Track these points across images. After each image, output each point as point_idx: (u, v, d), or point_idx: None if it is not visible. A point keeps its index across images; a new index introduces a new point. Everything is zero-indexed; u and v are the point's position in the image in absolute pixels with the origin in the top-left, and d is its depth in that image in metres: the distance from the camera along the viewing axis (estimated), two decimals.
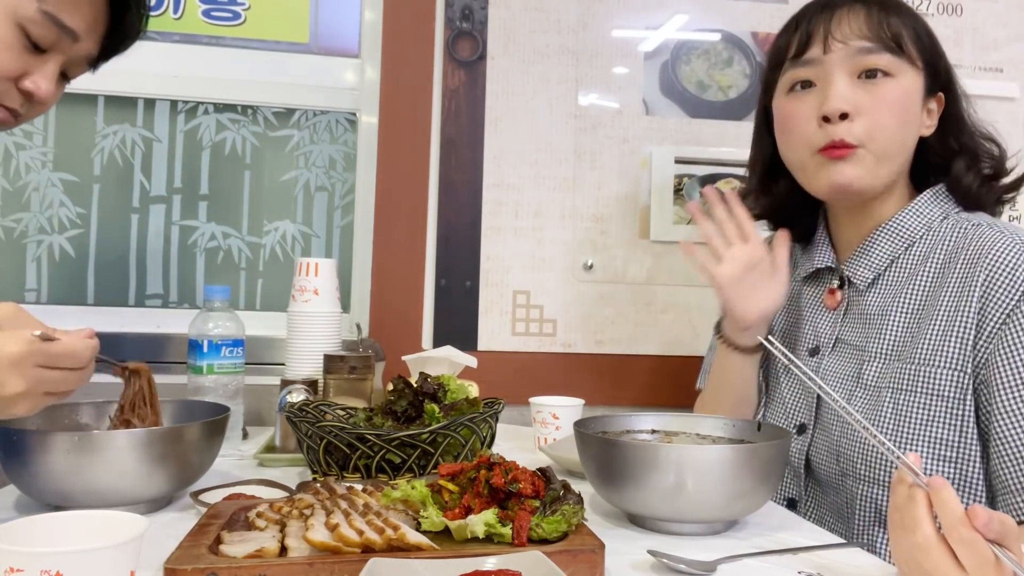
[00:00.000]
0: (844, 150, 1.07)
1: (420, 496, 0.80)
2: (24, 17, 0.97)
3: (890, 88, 1.06)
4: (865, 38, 1.07)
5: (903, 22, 1.09)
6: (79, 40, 1.03)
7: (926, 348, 1.03)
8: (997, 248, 1.01)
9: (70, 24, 1.01)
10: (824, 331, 1.17)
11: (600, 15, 1.74)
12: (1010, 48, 1.82)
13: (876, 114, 1.06)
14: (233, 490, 0.97)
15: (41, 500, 0.93)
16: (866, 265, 1.13)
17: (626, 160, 1.74)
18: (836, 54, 1.08)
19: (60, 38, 1.01)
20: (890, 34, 1.07)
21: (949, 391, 1.00)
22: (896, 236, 1.11)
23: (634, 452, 0.90)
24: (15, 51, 0.99)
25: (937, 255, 1.08)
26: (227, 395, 1.29)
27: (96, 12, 1.05)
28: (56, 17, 0.99)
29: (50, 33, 1.00)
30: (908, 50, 1.08)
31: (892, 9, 1.09)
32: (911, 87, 1.08)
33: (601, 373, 1.71)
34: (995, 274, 1.00)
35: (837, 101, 1.06)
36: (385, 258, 1.68)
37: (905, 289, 1.09)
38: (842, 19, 1.08)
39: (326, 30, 1.79)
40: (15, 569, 0.56)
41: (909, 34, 1.08)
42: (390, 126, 1.69)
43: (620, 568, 0.79)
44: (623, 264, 1.74)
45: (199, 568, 0.68)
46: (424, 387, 1.13)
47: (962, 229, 1.08)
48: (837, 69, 1.08)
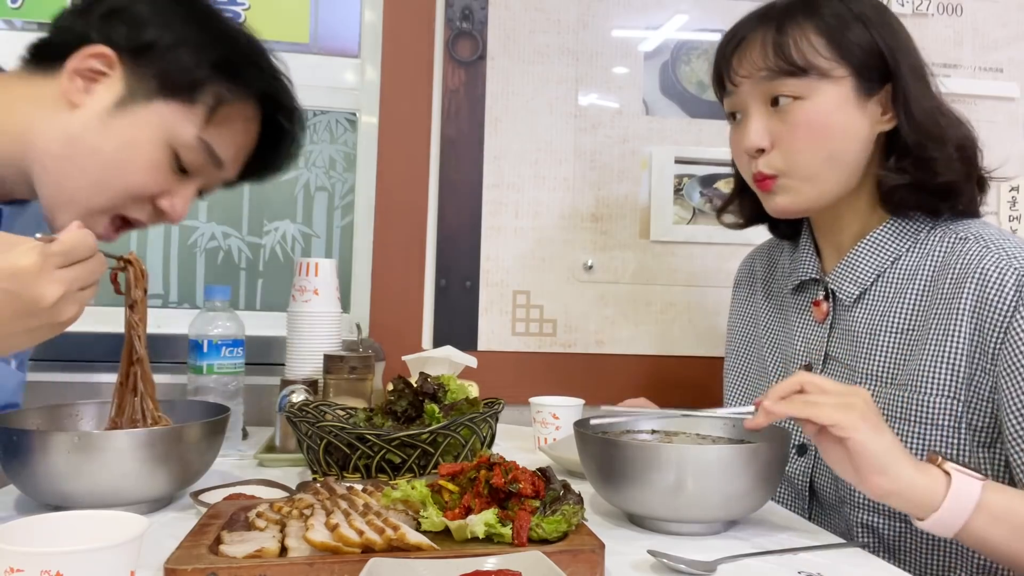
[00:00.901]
0: (767, 182, 1.07)
1: (420, 496, 0.80)
2: (180, 142, 1.00)
3: (803, 112, 1.03)
4: (764, 67, 1.04)
5: (812, 30, 1.03)
6: (223, 168, 1.06)
7: (917, 374, 1.00)
8: (984, 266, 0.97)
9: (220, 153, 1.04)
10: (814, 345, 1.14)
11: (600, 15, 1.74)
12: (1010, 48, 1.82)
13: (791, 141, 1.04)
14: (233, 490, 0.97)
15: (41, 500, 0.93)
16: (851, 280, 1.10)
17: (626, 160, 1.74)
18: (743, 87, 1.07)
19: (207, 164, 1.04)
20: (787, 58, 1.02)
21: (942, 419, 0.98)
22: (880, 249, 1.08)
23: (634, 452, 0.90)
24: (163, 172, 1.02)
25: (924, 271, 1.05)
26: (227, 395, 1.29)
27: (247, 144, 1.09)
28: (210, 146, 1.02)
29: (199, 159, 1.03)
30: (817, 65, 1.02)
31: (796, 21, 1.04)
32: (830, 101, 1.03)
33: (601, 373, 1.71)
34: (984, 294, 0.96)
35: (750, 138, 1.06)
36: (385, 258, 1.68)
37: (893, 307, 1.06)
38: (744, 50, 1.07)
39: (326, 30, 1.79)
40: (15, 569, 0.56)
41: (821, 42, 1.03)
42: (390, 126, 1.69)
43: (620, 568, 0.79)
44: (623, 264, 1.74)
45: (199, 568, 0.68)
46: (424, 387, 1.13)
47: (949, 243, 1.04)
48: (750, 102, 1.07)
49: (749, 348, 1.29)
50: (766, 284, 1.29)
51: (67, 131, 0.97)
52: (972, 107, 1.78)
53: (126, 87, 0.98)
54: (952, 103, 1.10)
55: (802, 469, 1.14)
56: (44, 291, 0.78)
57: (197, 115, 1.00)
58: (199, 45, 1.01)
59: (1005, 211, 1.80)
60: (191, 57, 1.00)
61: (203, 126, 1.01)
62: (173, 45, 0.99)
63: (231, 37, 1.06)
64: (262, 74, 1.07)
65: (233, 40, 1.05)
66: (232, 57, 1.03)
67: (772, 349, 1.24)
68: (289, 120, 1.10)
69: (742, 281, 1.36)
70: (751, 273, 1.34)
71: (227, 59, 1.02)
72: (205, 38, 1.02)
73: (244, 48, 1.06)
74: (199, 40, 1.01)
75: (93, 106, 0.98)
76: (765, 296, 1.29)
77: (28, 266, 0.77)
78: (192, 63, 1.00)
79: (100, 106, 0.98)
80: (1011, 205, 1.80)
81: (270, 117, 1.09)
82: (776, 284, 1.27)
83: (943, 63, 1.78)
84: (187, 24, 1.02)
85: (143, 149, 0.99)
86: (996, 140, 1.79)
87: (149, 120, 0.99)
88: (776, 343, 1.23)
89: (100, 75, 0.98)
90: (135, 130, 0.98)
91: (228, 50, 1.03)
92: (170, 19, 1.01)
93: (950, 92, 1.12)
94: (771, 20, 1.06)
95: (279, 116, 1.09)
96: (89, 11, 1.01)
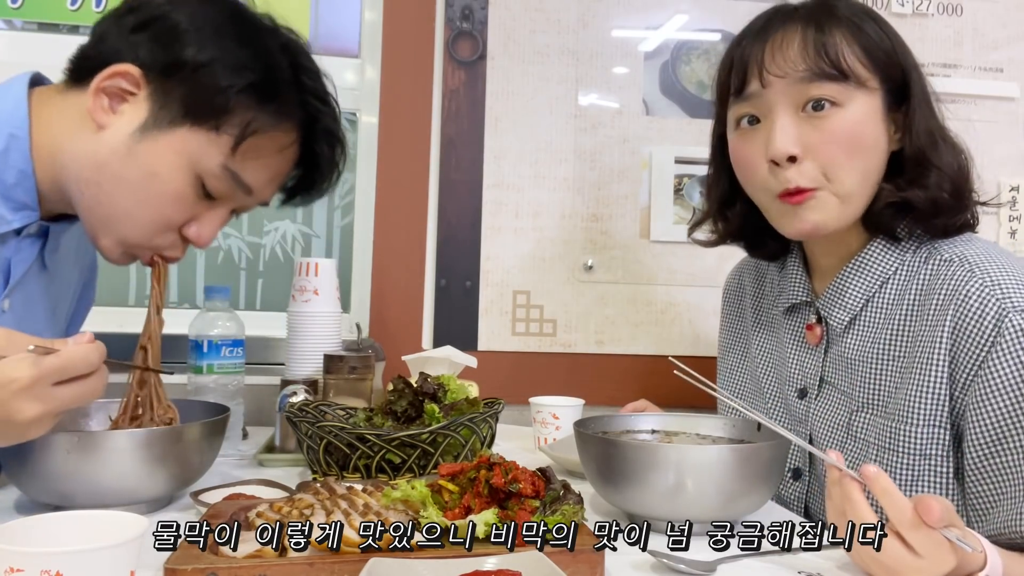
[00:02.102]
0: (801, 195, 0.99)
1: (420, 496, 0.80)
2: (204, 170, 0.95)
3: (840, 120, 0.97)
4: (804, 67, 0.96)
5: (849, 36, 0.98)
6: (253, 194, 1.00)
7: (904, 403, 0.97)
8: (965, 292, 0.93)
9: (248, 181, 0.98)
10: (809, 370, 1.12)
11: (600, 15, 1.74)
12: (1010, 48, 1.82)
13: (828, 152, 0.97)
14: (233, 490, 0.97)
15: (41, 500, 0.93)
16: (841, 306, 1.06)
17: (626, 160, 1.74)
18: (775, 87, 0.98)
19: (235, 191, 0.98)
20: (831, 59, 0.96)
21: (930, 448, 0.96)
22: (869, 273, 1.04)
23: (634, 452, 0.90)
24: (187, 202, 0.97)
25: (911, 295, 1.01)
26: (227, 395, 1.29)
27: (283, 168, 1.03)
28: (237, 175, 0.96)
29: (226, 187, 0.97)
30: (856, 73, 0.97)
31: (833, 24, 0.98)
32: (865, 113, 0.98)
33: (601, 373, 1.71)
34: (962, 322, 0.93)
35: (782, 144, 0.97)
36: (385, 258, 1.68)
37: (883, 333, 1.02)
38: (776, 47, 0.98)
39: (326, 30, 1.79)
40: (15, 569, 0.56)
41: (856, 51, 0.98)
42: (390, 126, 1.69)
43: (620, 568, 0.79)
44: (623, 264, 1.74)
45: (199, 568, 0.68)
46: (424, 387, 1.13)
47: (934, 265, 0.99)
48: (779, 104, 0.98)
49: (742, 366, 1.27)
50: (756, 300, 1.27)
51: (96, 156, 0.93)
52: (972, 107, 1.78)
53: (150, 110, 0.93)
54: (952, 103, 1.08)
55: (797, 494, 1.13)
56: (22, 408, 0.77)
57: (224, 143, 0.95)
58: (233, 66, 0.94)
59: (1005, 211, 1.80)
60: (222, 79, 0.93)
61: (229, 155, 0.95)
62: (203, 65, 0.93)
63: (272, 56, 0.98)
64: (303, 98, 1.00)
65: (273, 60, 0.98)
66: (269, 81, 0.96)
67: (767, 369, 1.21)
68: (330, 146, 1.04)
69: (731, 296, 1.33)
70: (740, 288, 1.31)
71: (263, 83, 0.95)
72: (241, 57, 0.95)
73: (285, 70, 0.99)
74: (234, 60, 0.94)
75: (119, 129, 0.93)
76: (755, 312, 1.26)
77: (17, 379, 0.76)
78: (222, 86, 0.93)
79: (125, 130, 0.93)
80: (1011, 205, 1.80)
81: (310, 141, 1.03)
82: (766, 301, 1.24)
83: (943, 63, 1.78)
84: (224, 40, 0.94)
85: (166, 179, 0.94)
86: (996, 140, 1.79)
87: (172, 147, 0.93)
88: (771, 364, 1.21)
89: (127, 94, 0.93)
90: (157, 158, 0.93)
91: (265, 72, 0.96)
92: (206, 34, 0.94)
93: (950, 92, 1.10)
94: (809, 18, 0.99)
95: (318, 143, 1.03)
96: (124, 20, 0.95)
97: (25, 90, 0.97)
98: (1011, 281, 0.93)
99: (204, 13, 0.96)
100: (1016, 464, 0.89)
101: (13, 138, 0.94)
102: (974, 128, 1.76)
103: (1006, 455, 0.90)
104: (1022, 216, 1.81)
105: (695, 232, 1.23)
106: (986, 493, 0.92)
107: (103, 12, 1.63)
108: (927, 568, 0.73)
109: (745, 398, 1.26)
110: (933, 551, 0.73)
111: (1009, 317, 0.90)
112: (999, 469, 0.91)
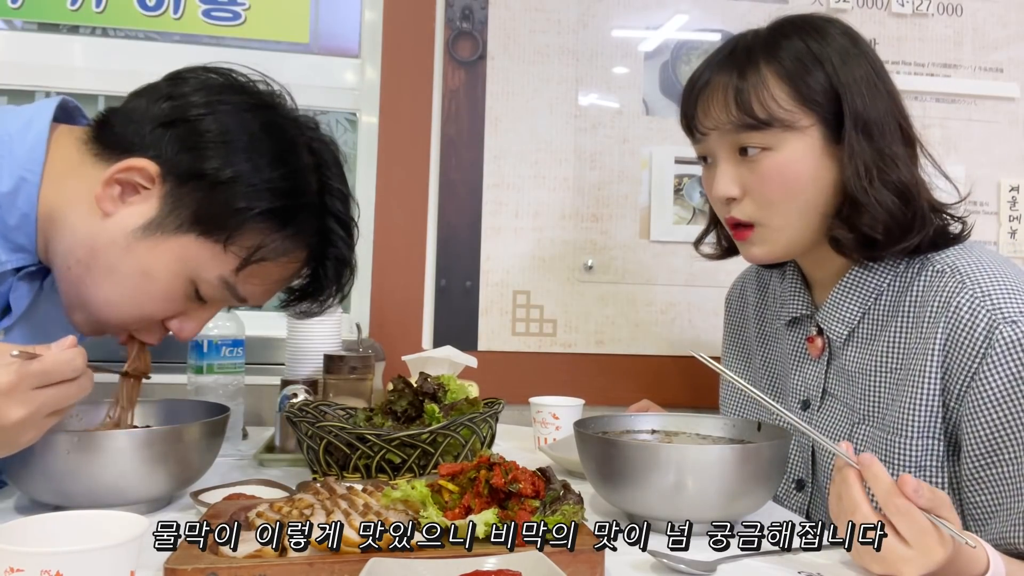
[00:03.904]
0: (743, 230, 1.05)
1: (420, 496, 0.80)
2: (201, 277, 0.93)
3: (771, 163, 1.00)
4: (727, 120, 1.01)
5: (775, 79, 0.99)
6: (247, 303, 0.99)
7: (899, 416, 0.98)
8: (956, 304, 0.94)
9: (244, 294, 0.97)
10: (812, 382, 1.12)
11: (600, 15, 1.74)
12: (1010, 48, 1.82)
13: (763, 192, 1.02)
14: (233, 490, 0.97)
15: (41, 500, 0.93)
16: (838, 320, 1.07)
17: (626, 160, 1.74)
18: (711, 138, 1.05)
19: (229, 299, 0.97)
20: (749, 111, 0.99)
21: (924, 460, 0.96)
22: (861, 286, 1.05)
23: (634, 452, 0.90)
24: (176, 302, 0.95)
25: (905, 307, 1.01)
26: (227, 395, 1.29)
27: (283, 279, 1.01)
28: (234, 288, 0.95)
29: (220, 295, 0.96)
30: (780, 118, 0.99)
31: (760, 67, 1.00)
32: (799, 152, 1.00)
33: (601, 373, 1.71)
34: (955, 334, 0.93)
35: (720, 187, 1.04)
36: (385, 258, 1.68)
37: (881, 345, 1.03)
38: (706, 100, 1.04)
39: (326, 30, 1.79)
40: (15, 569, 0.56)
41: (782, 94, 0.99)
42: (390, 126, 1.69)
43: (620, 568, 0.79)
44: (623, 264, 1.74)
45: (199, 568, 0.68)
46: (424, 387, 1.13)
47: (927, 277, 1.00)
48: (719, 150, 1.04)
49: (745, 376, 1.27)
50: (758, 311, 1.27)
51: (93, 240, 0.91)
52: (972, 107, 1.78)
53: (160, 210, 0.91)
54: (952, 103, 1.07)
55: (799, 505, 1.13)
56: (7, 411, 0.77)
57: (228, 261, 0.93)
58: (256, 186, 0.91)
59: (1005, 211, 1.80)
60: (240, 200, 0.91)
61: (232, 272, 0.94)
62: (223, 182, 0.90)
63: (302, 177, 0.95)
64: (322, 223, 0.98)
65: (302, 182, 0.95)
66: (290, 207, 0.94)
67: (770, 381, 1.22)
68: (337, 272, 1.02)
69: (733, 306, 1.34)
70: (742, 299, 1.32)
71: (283, 209, 0.93)
72: (268, 178, 0.92)
73: (312, 193, 0.97)
74: (259, 180, 0.91)
75: (122, 221, 0.91)
76: (757, 324, 1.27)
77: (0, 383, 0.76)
78: (239, 207, 0.91)
79: (130, 224, 0.91)
80: (1011, 205, 1.80)
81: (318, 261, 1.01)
82: (769, 311, 1.24)
83: (943, 63, 1.78)
84: (255, 156, 0.92)
85: (159, 280, 0.92)
86: (996, 140, 1.79)
87: (173, 252, 0.91)
88: (774, 375, 1.21)
89: (140, 187, 0.91)
90: (155, 260, 0.91)
91: (289, 197, 0.94)
92: (236, 147, 0.91)
93: (950, 92, 1.10)
94: (734, 64, 1.02)
95: (326, 266, 1.01)
96: (157, 107, 0.92)
97: (47, 128, 0.94)
98: (1002, 292, 0.93)
99: (240, 123, 0.93)
100: (1011, 475, 0.90)
101: (24, 181, 0.92)
102: (974, 128, 1.76)
103: (1001, 466, 0.91)
104: (1022, 216, 1.81)
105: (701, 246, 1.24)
106: (983, 504, 0.93)
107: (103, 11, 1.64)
108: (916, 559, 0.75)
109: (748, 407, 1.26)
110: (919, 537, 0.75)
111: (1000, 329, 0.91)
112: (994, 480, 0.92)
